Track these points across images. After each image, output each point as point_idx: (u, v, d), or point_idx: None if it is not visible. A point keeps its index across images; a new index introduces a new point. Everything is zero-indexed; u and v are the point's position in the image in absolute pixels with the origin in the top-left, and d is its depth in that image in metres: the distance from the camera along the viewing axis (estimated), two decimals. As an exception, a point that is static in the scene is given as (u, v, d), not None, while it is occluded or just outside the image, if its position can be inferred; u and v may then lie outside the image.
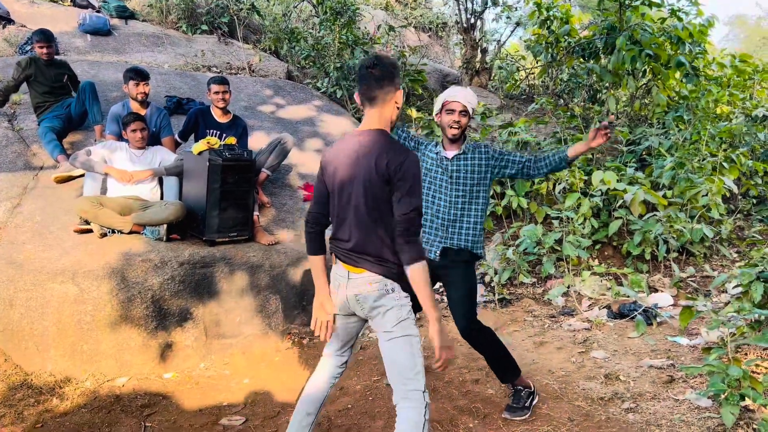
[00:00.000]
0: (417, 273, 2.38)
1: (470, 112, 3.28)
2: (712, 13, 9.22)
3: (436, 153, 3.40)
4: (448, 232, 3.34)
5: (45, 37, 5.55)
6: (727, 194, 6.44)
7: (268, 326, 4.64)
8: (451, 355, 2.48)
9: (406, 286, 2.53)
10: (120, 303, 4.07)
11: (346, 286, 2.54)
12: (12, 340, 4.00)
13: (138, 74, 5.14)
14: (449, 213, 3.33)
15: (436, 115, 3.36)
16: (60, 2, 9.73)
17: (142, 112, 5.17)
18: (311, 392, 2.71)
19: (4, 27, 8.03)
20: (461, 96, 3.25)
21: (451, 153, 3.36)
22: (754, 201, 7.32)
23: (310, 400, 2.69)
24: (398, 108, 2.54)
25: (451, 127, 3.27)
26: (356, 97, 2.54)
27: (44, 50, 5.52)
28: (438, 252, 3.34)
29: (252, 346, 4.53)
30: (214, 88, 5.20)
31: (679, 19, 8.22)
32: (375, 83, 2.46)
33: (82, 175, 4.91)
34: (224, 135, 5.16)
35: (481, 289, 5.59)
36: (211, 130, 5.20)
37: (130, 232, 4.50)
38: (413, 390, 2.43)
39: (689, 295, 4.87)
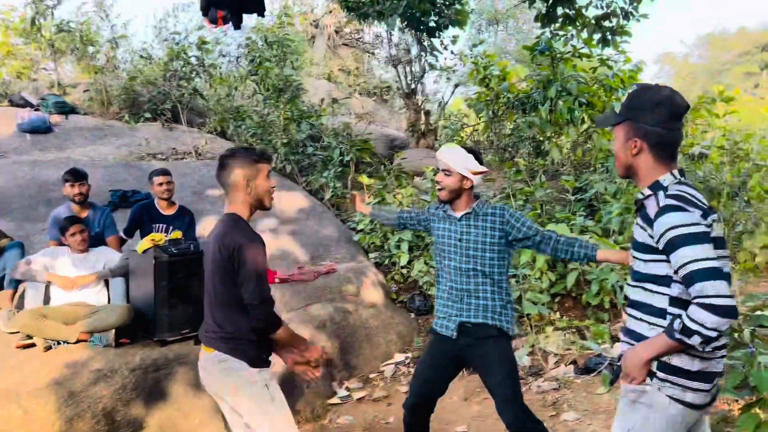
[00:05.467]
0: (279, 336, 2.59)
1: (457, 171, 2.96)
2: (640, 58, 9.70)
3: (444, 210, 3.14)
4: (463, 303, 2.98)
5: None
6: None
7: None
8: None
9: (259, 362, 2.57)
10: (68, 420, 3.83)
11: (202, 368, 2.62)
12: (-49, 474, 3.72)
13: (73, 175, 4.96)
14: (460, 281, 2.99)
15: None
16: (-4, 103, 9.63)
17: (84, 213, 5.02)
18: None
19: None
20: (442, 155, 3.03)
21: (459, 213, 3.06)
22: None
23: None
24: (249, 187, 2.58)
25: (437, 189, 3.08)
26: None
27: None
28: (455, 328, 2.98)
29: (214, 447, 4.31)
30: (157, 180, 5.13)
31: (609, 68, 8.59)
32: (219, 173, 2.65)
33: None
34: (171, 228, 5.06)
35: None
36: (157, 224, 5.10)
37: (77, 341, 4.29)
38: None
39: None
